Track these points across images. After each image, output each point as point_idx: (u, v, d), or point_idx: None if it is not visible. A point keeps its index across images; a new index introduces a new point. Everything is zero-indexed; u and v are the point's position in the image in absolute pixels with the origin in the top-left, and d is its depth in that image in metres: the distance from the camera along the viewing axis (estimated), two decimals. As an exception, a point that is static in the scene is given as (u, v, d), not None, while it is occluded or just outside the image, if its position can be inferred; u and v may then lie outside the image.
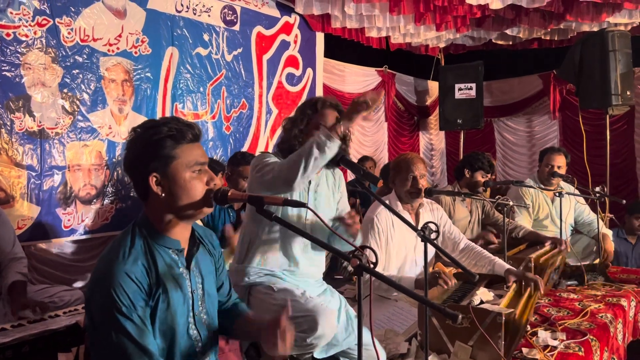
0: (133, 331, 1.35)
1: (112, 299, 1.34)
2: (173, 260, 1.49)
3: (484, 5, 4.90)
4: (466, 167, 3.88)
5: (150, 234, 1.47)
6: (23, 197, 3.38)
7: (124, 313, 1.34)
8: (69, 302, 2.94)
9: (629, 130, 6.83)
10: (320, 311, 1.98)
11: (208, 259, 1.64)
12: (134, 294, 1.37)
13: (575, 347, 2.31)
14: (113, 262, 1.39)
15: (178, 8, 4.28)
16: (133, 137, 1.45)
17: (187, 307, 1.51)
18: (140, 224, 1.49)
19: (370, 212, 2.85)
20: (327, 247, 1.52)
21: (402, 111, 7.62)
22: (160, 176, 1.43)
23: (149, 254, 1.44)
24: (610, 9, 5.45)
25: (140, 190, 1.47)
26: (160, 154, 1.42)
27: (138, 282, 1.38)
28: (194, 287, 1.53)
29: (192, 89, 4.42)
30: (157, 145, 1.41)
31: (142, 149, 1.42)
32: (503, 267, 2.74)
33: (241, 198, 1.58)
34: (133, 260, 1.40)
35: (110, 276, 1.36)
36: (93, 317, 1.39)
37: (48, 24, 3.48)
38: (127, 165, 1.47)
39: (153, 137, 1.42)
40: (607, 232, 4.05)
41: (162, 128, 1.43)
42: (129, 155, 1.45)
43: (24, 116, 3.37)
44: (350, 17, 5.35)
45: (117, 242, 1.46)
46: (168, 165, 1.43)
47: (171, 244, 1.49)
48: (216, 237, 1.75)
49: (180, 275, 1.50)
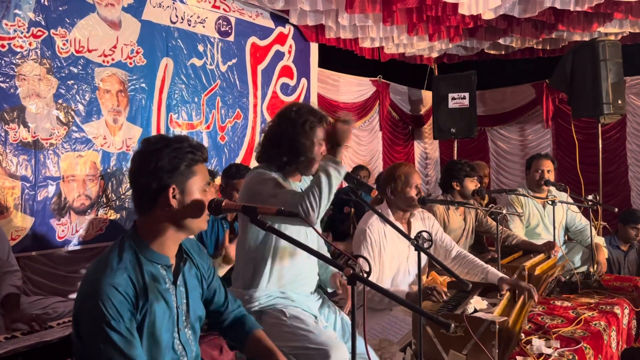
0: (121, 343, 1.36)
1: (100, 311, 1.35)
2: (161, 275, 1.50)
3: (476, 16, 4.94)
4: (452, 181, 3.86)
5: (140, 248, 1.48)
6: (17, 208, 3.37)
7: (112, 325, 1.35)
8: (62, 314, 2.93)
9: (621, 139, 6.89)
10: (332, 345, 1.99)
11: (194, 273, 1.65)
12: (121, 306, 1.38)
13: (569, 355, 2.32)
14: (101, 275, 1.40)
15: (173, 19, 4.31)
16: (154, 148, 1.48)
17: (172, 322, 1.52)
18: (129, 238, 1.50)
19: (363, 223, 2.85)
20: (322, 257, 1.54)
21: (397, 120, 7.66)
22: (178, 190, 1.47)
23: (137, 268, 1.46)
24: (602, 19, 5.52)
25: (147, 201, 1.49)
26: (182, 169, 1.47)
27: (125, 294, 1.39)
28: (179, 303, 1.54)
29: (186, 100, 4.43)
30: (181, 159, 1.47)
31: (167, 160, 1.46)
32: (496, 276, 2.75)
33: (235, 208, 1.59)
34: (121, 274, 1.41)
35: (98, 289, 1.37)
36: (81, 330, 1.39)
37: (43, 35, 3.49)
38: (142, 174, 1.48)
39: (177, 151, 1.47)
40: (600, 240, 4.07)
41: (184, 144, 1.49)
42: (147, 165, 1.46)
43: (19, 127, 3.37)
44: (344, 27, 5.39)
45: (105, 256, 1.47)
46: (187, 180, 1.48)
47: (160, 260, 1.51)
48: (203, 246, 1.75)
49: (166, 291, 1.51)
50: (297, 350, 2.03)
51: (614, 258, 4.72)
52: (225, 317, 1.77)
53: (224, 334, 1.80)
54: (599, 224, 5.10)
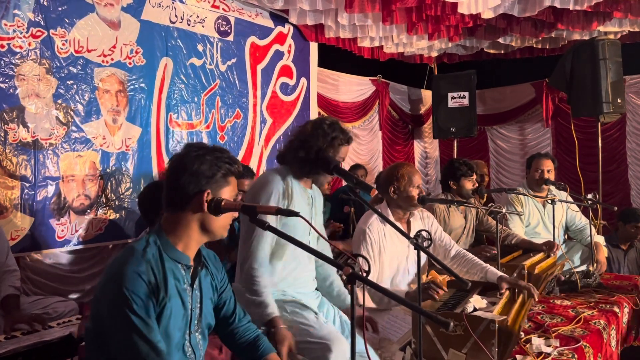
0: (142, 327, 1.39)
1: (123, 295, 1.40)
2: (180, 274, 1.55)
3: (475, 15, 4.94)
4: (449, 180, 3.88)
5: (164, 246, 1.54)
6: (17, 208, 3.37)
7: (134, 310, 1.39)
8: (62, 314, 2.93)
9: (621, 138, 6.90)
10: (333, 339, 2.04)
11: (209, 281, 1.69)
12: (144, 293, 1.42)
13: (569, 353, 2.32)
14: (125, 264, 1.45)
15: (172, 19, 4.31)
16: (198, 154, 1.57)
17: (186, 323, 1.55)
18: (155, 234, 1.56)
19: (362, 223, 2.85)
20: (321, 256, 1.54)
21: (397, 120, 7.65)
22: (212, 195, 1.56)
23: (159, 263, 1.50)
24: (601, 18, 5.51)
25: (181, 200, 1.56)
26: (218, 177, 1.57)
27: (148, 283, 1.44)
28: (194, 306, 1.59)
29: (186, 99, 4.43)
30: (219, 168, 1.57)
31: (208, 166, 1.56)
32: (495, 275, 2.75)
33: (235, 208, 1.60)
34: (145, 264, 1.46)
35: (123, 276, 1.42)
36: (102, 317, 1.43)
37: (42, 35, 3.49)
38: (183, 174, 1.55)
39: (218, 160, 1.58)
40: (599, 239, 4.06)
41: (224, 155, 1.60)
42: (190, 166, 1.55)
43: (18, 127, 3.37)
44: (343, 27, 5.39)
45: (130, 248, 1.52)
46: (221, 188, 1.58)
47: (182, 259, 1.56)
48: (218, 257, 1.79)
49: (184, 291, 1.55)
50: (299, 345, 2.06)
51: (614, 257, 4.72)
52: (234, 330, 1.80)
53: (239, 355, 1.85)
54: (598, 222, 5.11)
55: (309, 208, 2.34)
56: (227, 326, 1.78)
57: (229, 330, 1.78)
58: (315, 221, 2.37)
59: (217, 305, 1.75)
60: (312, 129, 2.28)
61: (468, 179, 3.82)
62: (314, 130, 2.27)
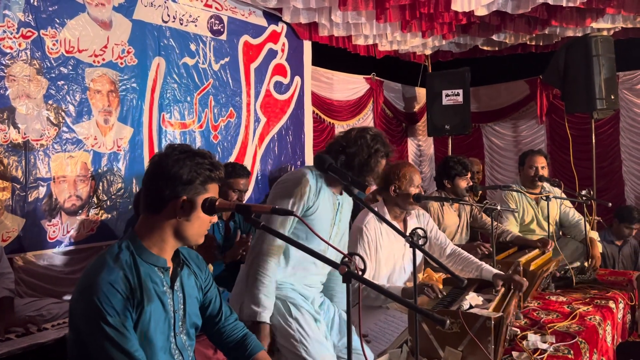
0: (117, 337, 1.37)
1: (95, 307, 1.37)
2: (158, 277, 1.51)
3: (469, 12, 4.94)
4: (444, 179, 3.87)
5: (138, 250, 1.50)
6: (7, 209, 3.34)
7: (107, 320, 1.37)
8: (57, 315, 2.91)
9: (615, 134, 6.92)
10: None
11: (193, 280, 1.66)
12: (117, 302, 1.39)
13: (565, 350, 2.32)
14: (97, 273, 1.41)
15: (164, 18, 4.28)
16: (178, 157, 1.50)
17: (169, 326, 1.52)
18: (127, 240, 1.52)
19: (359, 222, 2.85)
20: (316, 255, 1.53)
21: (391, 118, 7.64)
22: (188, 202, 1.50)
23: (133, 268, 1.47)
24: (594, 14, 5.52)
25: (156, 204, 1.51)
26: (196, 184, 1.50)
27: (121, 291, 1.41)
28: (177, 308, 1.56)
29: (179, 99, 4.40)
30: (197, 174, 1.50)
31: (187, 171, 1.49)
32: (490, 272, 2.75)
33: (229, 207, 1.59)
34: (117, 272, 1.43)
35: (95, 286, 1.39)
36: (78, 328, 1.41)
37: (33, 35, 3.45)
38: (159, 177, 1.50)
39: (198, 166, 1.51)
40: (594, 234, 4.07)
41: (205, 160, 1.53)
42: (167, 170, 1.49)
43: (9, 128, 3.34)
44: (337, 25, 5.37)
45: (102, 254, 1.49)
46: (197, 196, 1.51)
47: (157, 262, 1.52)
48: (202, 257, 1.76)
49: (163, 293, 1.51)
50: (291, 353, 2.14)
51: (609, 253, 4.73)
52: (221, 329, 1.78)
53: (227, 355, 1.83)
54: (593, 219, 5.12)
55: (333, 213, 2.33)
56: (213, 325, 1.76)
57: (215, 329, 1.76)
58: (339, 227, 2.38)
59: (203, 304, 1.72)
60: (356, 137, 2.29)
61: (463, 178, 3.81)
62: (357, 138, 2.29)
